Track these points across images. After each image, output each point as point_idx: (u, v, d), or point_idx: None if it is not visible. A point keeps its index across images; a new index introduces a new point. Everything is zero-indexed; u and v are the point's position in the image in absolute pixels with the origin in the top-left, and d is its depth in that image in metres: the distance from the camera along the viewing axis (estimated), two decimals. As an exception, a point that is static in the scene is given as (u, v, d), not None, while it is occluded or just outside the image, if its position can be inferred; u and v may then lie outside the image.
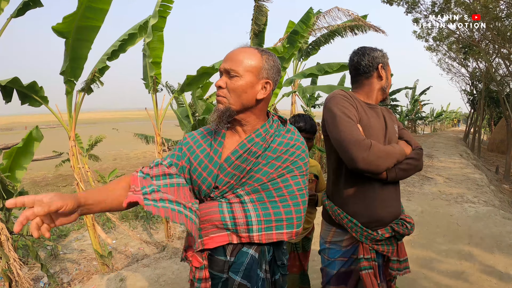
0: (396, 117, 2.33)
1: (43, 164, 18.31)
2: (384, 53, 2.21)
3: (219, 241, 1.55)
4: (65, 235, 7.40)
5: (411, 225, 2.13)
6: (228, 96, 1.51)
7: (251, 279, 1.53)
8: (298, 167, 1.56)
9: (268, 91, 1.56)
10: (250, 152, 1.53)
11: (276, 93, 7.90)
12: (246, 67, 1.50)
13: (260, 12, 7.74)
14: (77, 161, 4.69)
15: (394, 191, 2.15)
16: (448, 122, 59.31)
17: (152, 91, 5.56)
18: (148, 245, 6.51)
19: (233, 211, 1.52)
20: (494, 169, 16.64)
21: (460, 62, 22.04)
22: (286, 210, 1.53)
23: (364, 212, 2.10)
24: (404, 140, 2.21)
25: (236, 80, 1.50)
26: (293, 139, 1.60)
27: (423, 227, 5.73)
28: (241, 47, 1.58)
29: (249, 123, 1.58)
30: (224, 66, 1.52)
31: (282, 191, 1.53)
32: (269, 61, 1.56)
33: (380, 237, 2.10)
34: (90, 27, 3.97)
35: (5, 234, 4.11)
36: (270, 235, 1.53)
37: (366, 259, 2.15)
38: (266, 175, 1.52)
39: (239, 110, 1.54)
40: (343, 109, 2.00)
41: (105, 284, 4.22)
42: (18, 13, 4.06)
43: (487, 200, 7.57)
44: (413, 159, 2.10)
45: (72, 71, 4.21)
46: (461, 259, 4.53)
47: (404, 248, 2.23)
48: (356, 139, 1.88)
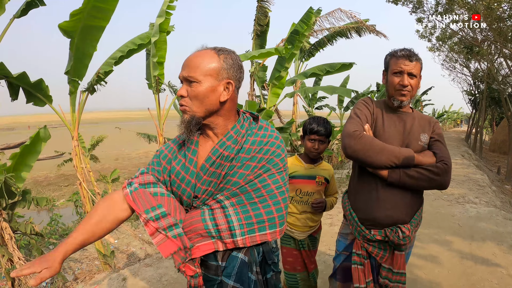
0: (438, 128, 2.27)
1: (45, 164, 18.35)
2: (386, 55, 2.23)
3: (205, 249, 1.54)
4: (67, 235, 7.42)
5: (403, 235, 2.10)
6: (190, 104, 1.48)
7: (243, 283, 1.52)
8: (275, 165, 1.53)
9: (231, 91, 1.51)
10: (223, 156, 1.50)
11: (278, 94, 7.91)
12: (204, 71, 1.45)
13: (263, 12, 7.75)
14: (80, 161, 4.71)
15: (401, 196, 2.12)
16: (450, 122, 59.19)
17: (155, 91, 5.58)
18: (150, 245, 6.53)
19: (215, 218, 1.51)
20: (495, 170, 16.60)
21: (463, 62, 22.00)
22: (266, 211, 1.51)
23: (362, 208, 2.20)
24: (432, 151, 2.15)
25: (196, 86, 1.45)
26: (266, 136, 1.56)
27: (424, 227, 5.73)
28: (197, 50, 1.52)
29: (218, 126, 1.55)
30: (182, 74, 1.48)
31: (261, 191, 1.50)
32: (227, 59, 1.49)
33: (371, 237, 2.15)
34: (96, 26, 3.98)
35: (8, 233, 4.14)
36: (254, 237, 1.52)
37: (358, 254, 2.24)
38: (243, 178, 1.49)
39: (204, 116, 1.51)
40: (356, 111, 2.22)
41: (107, 283, 4.23)
42: (22, 13, 4.07)
43: (489, 200, 7.56)
44: (429, 171, 2.04)
45: (76, 71, 4.22)
46: (463, 259, 4.53)
47: (402, 262, 2.19)
48: (349, 131, 2.09)
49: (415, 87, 2.14)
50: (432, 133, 2.22)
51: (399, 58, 2.11)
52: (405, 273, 2.20)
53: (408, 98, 2.15)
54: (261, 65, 8.27)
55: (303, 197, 2.81)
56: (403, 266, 2.19)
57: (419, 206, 2.22)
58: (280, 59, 7.29)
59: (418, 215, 2.20)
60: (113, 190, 11.95)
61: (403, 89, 2.11)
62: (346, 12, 9.62)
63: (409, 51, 2.11)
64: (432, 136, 2.21)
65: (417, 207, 2.19)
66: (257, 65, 8.13)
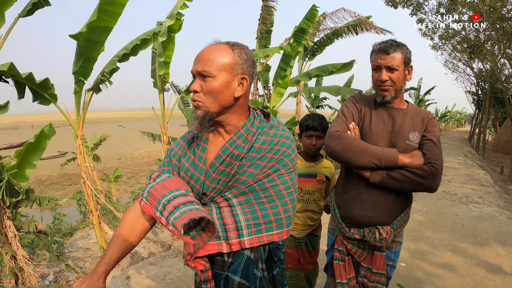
0: (433, 126, 2.11)
1: (48, 163, 18.39)
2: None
3: (210, 250, 1.53)
4: (71, 234, 7.43)
5: (380, 237, 2.04)
6: (204, 100, 1.45)
7: (249, 279, 1.52)
8: (284, 165, 1.51)
9: (245, 87, 1.48)
10: (233, 155, 1.48)
11: (282, 93, 7.90)
12: (218, 65, 1.41)
13: (268, 12, 7.75)
14: (84, 160, 4.72)
15: (384, 197, 2.06)
16: (453, 122, 59.04)
17: (160, 90, 5.59)
18: (154, 244, 6.53)
19: (222, 217, 1.50)
20: (499, 170, 16.57)
21: (466, 62, 21.95)
22: (274, 211, 1.50)
23: (344, 205, 2.19)
24: (422, 152, 2.04)
25: (211, 81, 1.42)
26: (277, 135, 1.53)
27: (428, 227, 5.73)
28: (210, 44, 1.48)
29: (230, 123, 1.52)
30: (196, 69, 1.44)
31: (269, 191, 1.49)
32: (242, 55, 1.46)
33: (349, 235, 2.14)
34: (103, 28, 3.98)
35: (12, 231, 4.16)
36: (261, 237, 1.51)
37: (339, 250, 2.24)
38: (252, 177, 1.47)
39: (218, 112, 1.47)
40: (344, 108, 2.20)
41: (111, 282, 4.24)
42: (27, 13, 4.08)
43: (492, 200, 7.55)
44: (414, 173, 1.95)
45: (83, 71, 4.23)
46: (466, 258, 4.53)
47: (382, 262, 2.13)
48: (330, 130, 2.08)
49: (397, 80, 2.01)
50: (424, 131, 2.09)
51: (376, 53, 2.03)
52: (385, 274, 2.13)
53: (391, 93, 2.04)
54: (264, 64, 8.28)
55: (304, 196, 2.80)
56: (383, 267, 2.12)
57: (405, 208, 2.14)
58: (285, 58, 7.28)
59: (402, 216, 2.12)
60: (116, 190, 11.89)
61: (382, 84, 2.03)
62: (350, 11, 9.63)
63: (385, 43, 2.01)
64: (424, 135, 2.08)
65: (401, 209, 2.11)
66: (260, 65, 8.14)
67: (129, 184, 15.50)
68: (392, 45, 2.00)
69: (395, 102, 2.12)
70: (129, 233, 1.54)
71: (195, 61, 1.47)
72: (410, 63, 2.07)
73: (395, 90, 2.03)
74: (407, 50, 2.03)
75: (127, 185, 15.19)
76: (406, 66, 2.05)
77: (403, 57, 2.01)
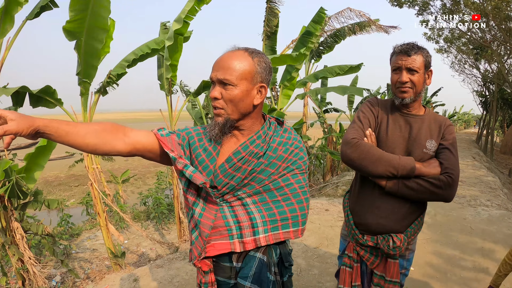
0: (450, 133, 2.08)
1: (56, 164, 18.48)
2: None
3: (221, 249, 1.51)
4: (77, 235, 7.47)
5: (394, 245, 2.01)
6: (225, 107, 1.46)
7: (262, 283, 1.49)
8: (298, 166, 1.55)
9: (264, 95, 1.51)
10: (252, 153, 1.50)
11: (289, 95, 7.90)
12: (239, 74, 1.43)
13: (272, 13, 7.74)
14: (91, 162, 4.74)
15: (398, 206, 2.03)
16: (461, 124, 58.73)
17: (167, 92, 5.61)
18: (161, 246, 6.55)
19: (236, 215, 1.50)
20: (506, 172, 16.44)
21: (472, 63, 21.83)
22: (290, 209, 1.51)
23: (358, 212, 2.16)
24: (439, 160, 1.99)
25: (232, 89, 1.43)
26: (291, 138, 1.59)
27: (436, 230, 5.69)
28: (230, 51, 1.49)
29: (247, 128, 1.55)
30: (216, 76, 1.44)
31: (284, 190, 1.51)
32: (261, 63, 1.48)
33: (363, 241, 2.11)
34: (100, 27, 3.99)
35: (20, 233, 4.18)
36: (277, 234, 1.51)
37: (349, 257, 2.21)
38: (268, 175, 1.50)
39: (238, 119, 1.50)
40: (360, 114, 2.16)
41: (118, 284, 4.25)
42: (35, 15, 4.11)
43: (500, 203, 7.48)
44: (430, 183, 1.91)
45: (86, 72, 4.24)
46: (475, 262, 4.49)
47: (396, 270, 2.09)
48: (347, 138, 2.04)
49: (417, 82, 1.98)
50: (441, 139, 2.05)
51: (397, 54, 2.01)
52: (399, 282, 2.10)
53: (411, 95, 2.00)
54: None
55: None
56: (397, 275, 2.09)
57: (419, 215, 2.11)
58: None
59: (416, 224, 2.09)
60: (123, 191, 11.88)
61: (402, 86, 1.99)
62: (355, 11, 9.60)
63: (407, 45, 1.99)
64: (441, 143, 2.04)
65: (415, 216, 2.09)
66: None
67: (136, 185, 15.56)
68: (414, 48, 1.98)
69: (413, 107, 2.08)
70: (98, 130, 1.41)
71: (214, 67, 1.47)
72: (430, 67, 2.05)
73: (415, 92, 2.00)
74: (428, 54, 2.01)
75: (134, 186, 15.25)
76: (426, 70, 2.02)
77: (424, 60, 1.98)
